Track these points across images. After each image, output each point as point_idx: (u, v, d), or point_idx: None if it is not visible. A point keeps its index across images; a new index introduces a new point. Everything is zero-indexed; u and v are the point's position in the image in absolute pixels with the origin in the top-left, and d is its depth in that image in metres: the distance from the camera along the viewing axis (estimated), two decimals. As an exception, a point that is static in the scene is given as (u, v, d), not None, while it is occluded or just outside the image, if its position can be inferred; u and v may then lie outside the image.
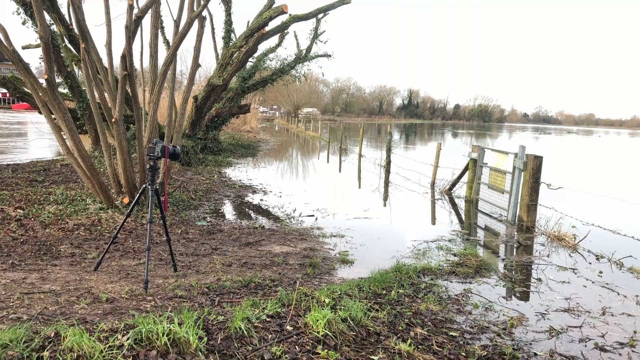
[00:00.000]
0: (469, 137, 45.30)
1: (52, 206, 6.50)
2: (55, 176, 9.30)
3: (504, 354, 3.24)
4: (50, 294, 3.55)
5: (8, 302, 3.28)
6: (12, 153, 13.60)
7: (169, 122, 7.45)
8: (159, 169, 6.57)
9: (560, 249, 6.45)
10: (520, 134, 64.32)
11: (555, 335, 3.70)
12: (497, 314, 4.05)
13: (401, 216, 8.30)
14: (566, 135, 67.74)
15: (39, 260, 4.56)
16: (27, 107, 35.95)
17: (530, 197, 7.67)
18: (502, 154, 8.83)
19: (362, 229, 6.99)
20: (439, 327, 3.58)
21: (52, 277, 4.02)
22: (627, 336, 3.76)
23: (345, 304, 3.53)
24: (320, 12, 14.78)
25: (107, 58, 6.52)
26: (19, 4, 10.95)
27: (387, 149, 15.07)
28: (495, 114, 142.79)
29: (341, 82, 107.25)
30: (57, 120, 6.14)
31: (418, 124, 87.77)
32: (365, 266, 5.18)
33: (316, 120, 43.95)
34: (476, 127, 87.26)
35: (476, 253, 5.83)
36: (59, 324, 2.78)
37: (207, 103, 14.58)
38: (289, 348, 2.85)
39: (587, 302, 4.47)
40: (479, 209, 9.21)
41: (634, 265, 5.72)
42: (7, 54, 5.44)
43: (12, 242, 5.05)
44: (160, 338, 2.58)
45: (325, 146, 23.76)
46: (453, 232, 7.15)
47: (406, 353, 3.02)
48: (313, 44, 18.07)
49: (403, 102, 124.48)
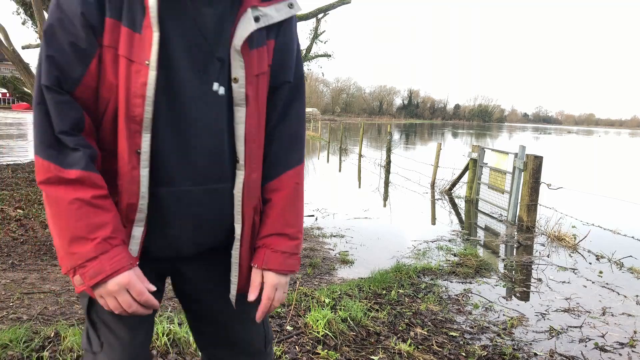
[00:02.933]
0: (469, 137, 45.33)
1: (52, 206, 6.51)
2: (55, 176, 9.29)
3: (504, 354, 3.23)
4: (50, 294, 3.55)
5: (8, 302, 3.28)
6: (13, 154, 13.61)
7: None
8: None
9: (560, 249, 6.45)
10: (520, 134, 64.35)
11: (556, 335, 3.70)
12: (497, 314, 4.05)
13: (401, 216, 8.31)
14: (566, 135, 67.76)
15: (39, 260, 4.56)
16: (27, 107, 36.00)
17: (531, 197, 7.67)
18: (502, 154, 8.83)
19: (362, 229, 6.99)
20: (439, 327, 3.58)
21: (52, 277, 4.02)
22: (627, 336, 3.76)
23: (345, 304, 3.53)
24: (320, 12, 14.78)
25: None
26: (19, 4, 10.95)
27: (387, 149, 15.07)
28: (496, 114, 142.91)
29: (341, 82, 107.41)
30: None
31: (418, 124, 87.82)
32: (365, 266, 5.18)
33: (316, 120, 43.96)
34: (476, 127, 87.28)
35: (476, 253, 5.83)
36: (59, 324, 2.78)
37: (207, 103, 14.58)
38: (288, 348, 2.85)
39: (587, 302, 4.47)
40: (479, 209, 9.21)
41: (634, 265, 5.72)
42: (7, 53, 5.44)
43: (12, 242, 5.05)
44: (160, 338, 2.58)
45: (325, 146, 23.77)
46: (453, 232, 7.15)
47: (406, 353, 3.02)
48: (313, 44, 18.09)
49: (403, 102, 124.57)
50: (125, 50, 1.02)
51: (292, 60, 1.25)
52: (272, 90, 1.24)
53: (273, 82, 1.23)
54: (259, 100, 1.18)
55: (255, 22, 1.11)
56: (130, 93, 1.04)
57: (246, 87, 1.14)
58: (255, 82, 1.16)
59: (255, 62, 1.14)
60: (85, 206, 1.02)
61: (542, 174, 7.75)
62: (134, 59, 1.02)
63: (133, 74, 1.02)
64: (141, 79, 1.02)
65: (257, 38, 1.14)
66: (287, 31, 1.22)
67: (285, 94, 1.25)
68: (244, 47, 1.11)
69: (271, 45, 1.20)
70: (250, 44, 1.13)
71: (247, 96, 1.14)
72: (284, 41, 1.22)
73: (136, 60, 1.02)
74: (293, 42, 1.26)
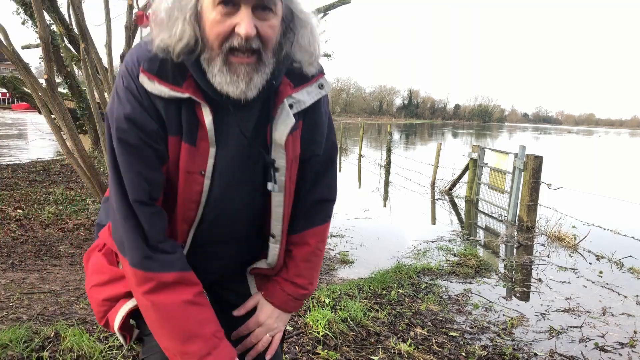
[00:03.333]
0: (469, 137, 45.32)
1: (52, 206, 6.50)
2: (55, 176, 9.30)
3: (504, 354, 3.23)
4: (50, 294, 3.55)
5: (8, 302, 3.28)
6: (12, 154, 13.61)
7: (169, 122, 7.44)
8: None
9: (560, 249, 6.45)
10: (520, 134, 64.35)
11: (556, 335, 3.70)
12: (497, 314, 4.05)
13: (401, 216, 8.30)
14: (566, 135, 67.78)
15: (39, 260, 4.56)
16: (26, 107, 35.98)
17: (531, 197, 7.67)
18: (502, 154, 8.83)
19: (362, 229, 6.99)
20: (439, 327, 3.58)
21: (52, 277, 4.02)
22: (627, 336, 3.76)
23: (345, 304, 3.53)
24: (320, 12, 14.79)
25: (107, 58, 6.52)
26: (18, 4, 10.94)
27: (387, 149, 15.06)
28: (496, 114, 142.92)
29: (341, 82, 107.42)
30: (57, 120, 6.14)
31: (418, 124, 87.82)
32: (365, 266, 5.17)
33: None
34: (476, 127, 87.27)
35: (476, 253, 5.83)
36: (59, 324, 2.77)
37: (207, 103, 14.58)
38: (288, 348, 2.85)
39: (588, 302, 4.46)
40: (479, 209, 9.21)
41: (634, 265, 5.72)
42: (7, 53, 5.43)
43: (11, 242, 5.05)
44: (160, 338, 2.57)
45: (325, 146, 23.74)
46: (453, 232, 7.15)
47: (406, 353, 3.02)
48: (313, 44, 18.08)
49: (403, 102, 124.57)
50: (185, 163, 1.12)
51: (321, 135, 1.31)
52: (302, 162, 1.30)
53: (302, 155, 1.28)
54: (292, 181, 1.26)
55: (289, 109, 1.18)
56: (186, 199, 1.15)
57: (285, 174, 1.21)
58: (291, 166, 1.23)
59: (291, 148, 1.21)
60: (190, 306, 1.11)
61: (542, 174, 7.75)
62: (191, 170, 1.13)
63: (190, 183, 1.13)
64: (197, 188, 1.14)
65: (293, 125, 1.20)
66: (316, 110, 1.27)
67: (315, 166, 1.32)
68: (287, 139, 1.19)
69: (300, 125, 1.25)
70: (288, 133, 1.20)
71: (285, 182, 1.21)
72: (313, 119, 1.28)
73: (193, 171, 1.13)
74: (321, 118, 1.30)
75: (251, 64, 1.06)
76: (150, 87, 1.06)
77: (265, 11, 1.04)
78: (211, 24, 1.03)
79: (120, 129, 1.07)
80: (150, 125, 1.07)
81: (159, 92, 1.06)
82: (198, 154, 1.12)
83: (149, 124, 1.07)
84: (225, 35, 1.03)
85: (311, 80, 1.21)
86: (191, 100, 1.08)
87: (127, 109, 1.06)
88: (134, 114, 1.06)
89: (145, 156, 1.09)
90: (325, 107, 1.31)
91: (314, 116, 1.26)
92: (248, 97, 1.08)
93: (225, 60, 1.05)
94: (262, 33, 1.04)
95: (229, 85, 1.06)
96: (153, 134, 1.08)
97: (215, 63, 1.06)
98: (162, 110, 1.08)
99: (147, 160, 1.09)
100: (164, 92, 1.06)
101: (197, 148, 1.11)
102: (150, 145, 1.09)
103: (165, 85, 1.06)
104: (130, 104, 1.07)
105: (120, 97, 1.08)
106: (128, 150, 1.08)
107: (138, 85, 1.06)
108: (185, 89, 1.07)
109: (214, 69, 1.06)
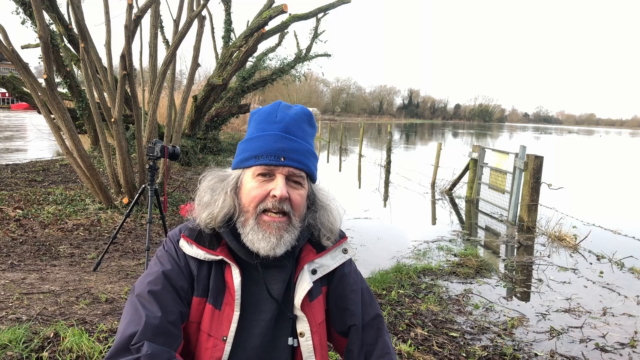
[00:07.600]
0: (469, 137, 45.31)
1: (52, 206, 6.49)
2: (54, 176, 9.29)
3: (505, 354, 3.22)
4: (50, 294, 3.54)
5: (7, 303, 3.27)
6: (12, 153, 13.60)
7: (169, 122, 7.44)
8: (158, 169, 6.56)
9: (561, 249, 6.44)
10: (520, 133, 64.33)
11: (556, 335, 3.69)
12: (498, 314, 4.04)
13: (401, 216, 8.29)
14: (567, 135, 67.78)
15: (38, 260, 4.55)
16: (26, 107, 35.97)
17: (531, 197, 7.65)
18: (502, 154, 8.82)
19: (362, 229, 6.98)
20: (439, 328, 3.57)
21: (51, 277, 4.01)
22: (627, 337, 3.75)
23: (346, 304, 3.52)
24: (320, 11, 14.76)
25: (107, 58, 6.51)
26: (18, 4, 10.92)
27: (387, 148, 15.05)
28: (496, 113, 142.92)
29: (341, 81, 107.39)
30: (57, 120, 6.13)
31: (418, 124, 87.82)
32: (365, 266, 5.16)
33: (316, 119, 43.85)
34: (477, 127, 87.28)
35: (477, 253, 5.82)
36: (59, 325, 2.77)
37: (207, 103, 14.56)
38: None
39: (588, 303, 4.45)
40: (479, 209, 9.20)
41: (634, 265, 5.71)
42: (6, 53, 5.43)
43: (11, 243, 5.03)
44: (159, 339, 2.56)
45: (325, 146, 23.76)
46: (453, 233, 7.14)
47: (406, 353, 3.01)
48: (313, 44, 18.05)
49: (403, 102, 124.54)
50: (207, 325, 1.18)
51: (354, 304, 1.32)
52: (341, 335, 1.32)
53: (339, 327, 1.32)
54: (322, 346, 1.28)
55: (312, 274, 1.25)
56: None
57: (312, 339, 1.24)
58: (319, 330, 1.26)
59: (316, 312, 1.26)
60: None
61: (542, 174, 7.74)
62: (212, 334, 1.18)
63: (210, 348, 1.17)
64: (217, 354, 1.17)
65: (315, 290, 1.26)
66: (342, 276, 1.33)
67: (357, 338, 1.31)
68: (305, 303, 1.24)
69: (324, 292, 1.30)
70: (310, 297, 1.25)
71: (314, 347, 1.24)
72: (342, 286, 1.32)
73: (214, 335, 1.18)
74: (352, 286, 1.33)
75: (282, 223, 1.19)
76: (188, 249, 1.21)
77: (295, 184, 1.21)
78: (249, 190, 1.19)
79: (152, 282, 1.17)
80: (181, 281, 1.18)
81: (195, 254, 1.20)
82: (222, 318, 1.18)
83: (180, 281, 1.18)
84: (261, 197, 1.18)
85: (335, 245, 1.31)
86: (222, 262, 1.21)
87: (166, 267, 1.20)
88: (170, 272, 1.19)
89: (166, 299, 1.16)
90: (355, 275, 1.36)
91: (341, 283, 1.32)
92: (277, 253, 1.18)
93: (258, 219, 1.19)
94: (292, 198, 1.19)
95: (260, 242, 1.17)
96: (182, 291, 1.18)
97: (249, 223, 1.19)
98: (194, 270, 1.20)
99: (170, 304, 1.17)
100: (200, 254, 1.20)
101: (221, 312, 1.19)
102: (177, 300, 1.18)
103: (202, 248, 1.21)
104: (170, 263, 1.21)
105: (158, 257, 1.24)
106: (156, 297, 1.16)
107: (177, 248, 1.23)
108: (219, 252, 1.21)
109: (247, 228, 1.19)
